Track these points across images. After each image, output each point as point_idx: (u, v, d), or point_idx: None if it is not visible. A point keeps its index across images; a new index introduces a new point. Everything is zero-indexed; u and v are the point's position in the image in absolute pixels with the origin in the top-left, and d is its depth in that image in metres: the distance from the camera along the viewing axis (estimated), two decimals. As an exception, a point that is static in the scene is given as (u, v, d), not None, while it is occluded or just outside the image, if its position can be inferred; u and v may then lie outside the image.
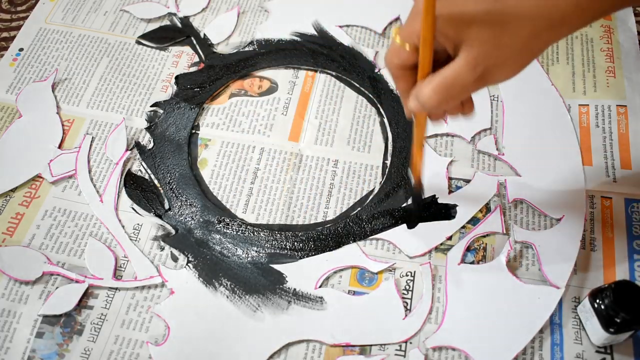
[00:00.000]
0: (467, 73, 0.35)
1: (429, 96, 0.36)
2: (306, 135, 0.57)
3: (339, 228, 0.51)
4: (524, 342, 0.45)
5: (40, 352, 0.46)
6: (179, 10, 0.66)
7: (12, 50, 0.63)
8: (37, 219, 0.52)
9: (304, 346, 0.46)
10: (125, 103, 0.59)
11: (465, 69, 0.34)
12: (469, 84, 0.35)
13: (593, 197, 0.52)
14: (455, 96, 0.36)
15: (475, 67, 0.34)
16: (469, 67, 0.34)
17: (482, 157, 0.55)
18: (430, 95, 0.36)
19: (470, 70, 0.34)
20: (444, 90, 0.36)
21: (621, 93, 0.58)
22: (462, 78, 0.35)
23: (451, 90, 0.35)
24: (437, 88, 0.36)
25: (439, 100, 0.36)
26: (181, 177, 0.54)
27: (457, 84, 0.35)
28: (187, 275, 0.49)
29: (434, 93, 0.36)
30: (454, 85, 0.35)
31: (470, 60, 0.34)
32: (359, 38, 0.63)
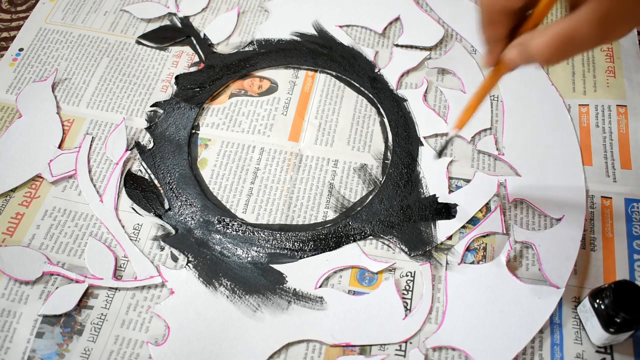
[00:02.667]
0: (594, 27, 0.32)
1: (544, 48, 0.34)
2: (306, 135, 0.57)
3: (339, 228, 0.51)
4: (524, 342, 0.45)
5: (40, 352, 0.46)
6: (179, 10, 0.66)
7: (12, 50, 0.63)
8: (37, 219, 0.52)
9: (304, 346, 0.46)
10: (125, 103, 0.59)
11: (591, 22, 0.32)
12: (591, 40, 0.33)
13: (593, 197, 0.52)
14: (574, 51, 0.34)
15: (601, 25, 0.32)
16: (596, 21, 0.32)
17: (482, 157, 0.55)
18: (545, 47, 0.34)
19: (598, 24, 0.32)
20: (562, 43, 0.33)
21: (621, 93, 0.58)
22: (585, 31, 0.33)
23: (570, 43, 0.33)
24: (556, 40, 0.33)
25: (554, 54, 0.34)
26: (181, 177, 0.54)
27: (578, 38, 0.33)
28: (187, 275, 0.49)
29: (551, 43, 0.33)
30: (574, 38, 0.33)
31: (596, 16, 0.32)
32: (359, 38, 0.63)
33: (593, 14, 0.32)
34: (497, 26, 0.36)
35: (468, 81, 0.59)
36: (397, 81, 0.59)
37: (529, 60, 0.35)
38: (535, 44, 0.34)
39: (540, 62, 0.35)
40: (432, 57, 0.61)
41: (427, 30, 0.63)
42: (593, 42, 0.34)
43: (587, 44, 0.34)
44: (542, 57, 0.34)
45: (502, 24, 0.36)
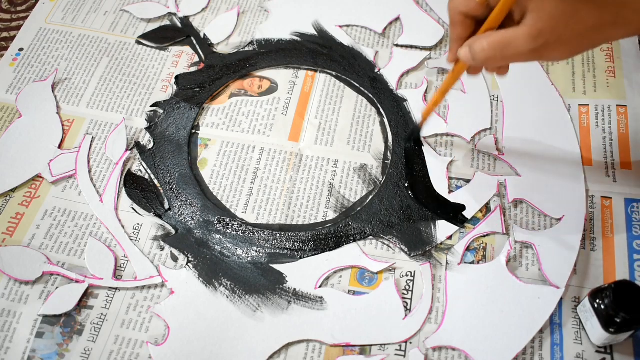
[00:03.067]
0: (527, 41, 0.36)
1: (482, 49, 0.38)
2: (306, 135, 0.57)
3: (339, 228, 0.51)
4: (524, 342, 0.45)
5: (40, 352, 0.46)
6: (179, 10, 0.66)
7: (12, 50, 0.63)
8: (37, 219, 0.52)
9: (304, 346, 0.46)
10: (125, 103, 0.59)
11: (526, 36, 0.36)
12: (524, 52, 0.37)
13: (593, 197, 0.52)
14: (507, 58, 0.38)
15: (537, 38, 0.36)
16: (531, 36, 0.36)
17: (482, 157, 0.55)
18: (483, 49, 0.38)
19: (532, 39, 0.36)
20: (498, 49, 0.37)
21: (621, 93, 0.58)
22: (520, 44, 0.36)
23: (505, 51, 0.37)
24: (493, 45, 0.37)
25: (489, 57, 0.38)
26: (181, 177, 0.54)
27: (513, 48, 0.37)
28: (187, 275, 0.49)
29: (488, 48, 0.37)
30: (509, 47, 0.37)
31: (534, 29, 0.36)
32: (359, 38, 0.63)
33: (529, 29, 0.36)
34: (457, 27, 0.41)
35: (468, 81, 0.59)
36: (397, 81, 0.59)
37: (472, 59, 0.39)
38: (477, 46, 0.38)
39: (478, 64, 0.39)
40: (432, 57, 0.61)
41: (427, 30, 0.63)
42: (525, 53, 0.37)
43: (520, 54, 0.37)
44: (481, 58, 0.38)
45: (461, 26, 0.40)
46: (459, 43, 0.41)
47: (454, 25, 0.41)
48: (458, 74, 0.45)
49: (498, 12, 0.38)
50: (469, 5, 0.39)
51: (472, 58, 0.39)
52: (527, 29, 0.36)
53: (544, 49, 0.37)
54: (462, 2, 0.40)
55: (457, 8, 0.40)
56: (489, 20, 0.39)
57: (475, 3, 0.39)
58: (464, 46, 0.40)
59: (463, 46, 0.40)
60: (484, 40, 0.38)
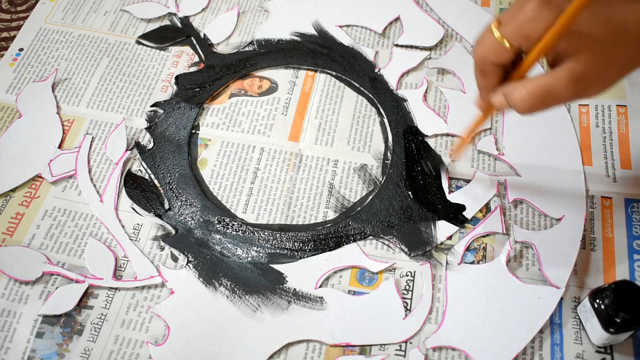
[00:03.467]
0: (569, 86, 0.35)
1: (522, 99, 0.37)
2: (306, 135, 0.57)
3: (339, 228, 0.51)
4: (524, 342, 0.45)
5: (40, 352, 0.46)
6: (179, 10, 0.66)
7: (12, 50, 0.63)
8: (37, 219, 0.52)
9: (304, 346, 0.46)
10: (125, 103, 0.59)
11: (567, 82, 0.35)
12: (565, 97, 0.36)
13: (593, 197, 0.52)
14: (548, 105, 0.37)
15: (577, 83, 0.35)
16: (571, 81, 0.35)
17: (482, 157, 0.55)
18: (524, 99, 0.36)
19: (573, 83, 0.35)
20: (539, 96, 0.36)
21: (621, 93, 0.58)
22: (561, 90, 0.35)
23: (546, 98, 0.36)
24: (534, 93, 0.36)
25: (531, 105, 0.37)
26: (181, 177, 0.54)
27: (554, 94, 0.36)
28: (187, 275, 0.49)
29: (529, 97, 0.36)
30: (550, 93, 0.36)
31: (574, 75, 0.35)
32: (359, 38, 0.63)
33: (569, 74, 0.35)
34: (488, 76, 0.40)
35: (468, 81, 0.59)
36: (397, 81, 0.59)
37: (512, 107, 0.38)
38: (516, 95, 0.37)
39: (519, 112, 0.38)
40: (432, 57, 0.61)
41: (427, 30, 0.63)
42: (567, 98, 0.36)
43: (561, 99, 0.36)
44: (521, 108, 0.37)
45: (491, 75, 0.39)
46: (489, 90, 0.40)
47: (484, 75, 0.40)
48: (486, 117, 0.45)
49: (533, 58, 0.37)
50: (501, 56, 0.37)
51: (510, 106, 0.38)
52: (568, 74, 0.35)
53: (584, 90, 0.36)
54: (493, 53, 0.37)
55: (488, 59, 0.38)
56: (523, 67, 0.38)
57: (507, 52, 0.37)
58: (497, 94, 0.39)
59: (496, 94, 0.39)
60: (522, 90, 0.37)
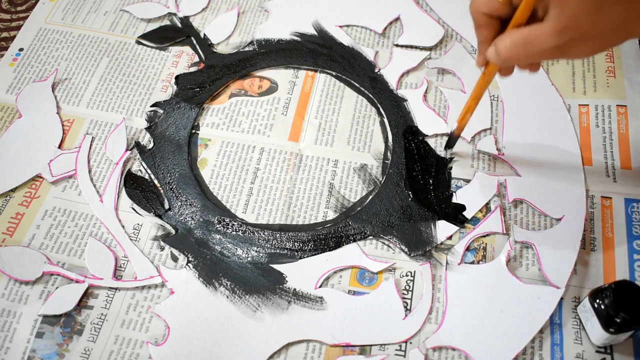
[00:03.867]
0: (551, 37, 0.35)
1: (505, 48, 0.37)
2: (306, 135, 0.57)
3: (339, 228, 0.51)
4: (524, 342, 0.45)
5: (40, 352, 0.46)
6: (179, 10, 0.66)
7: (12, 50, 0.63)
8: (37, 219, 0.52)
9: (304, 346, 0.46)
10: (125, 103, 0.59)
11: (550, 32, 0.35)
12: (548, 48, 0.36)
13: (593, 197, 0.52)
14: (530, 56, 0.37)
15: (561, 34, 0.35)
16: (554, 32, 0.35)
17: (482, 157, 0.55)
18: (507, 48, 0.37)
19: (556, 35, 0.35)
20: (521, 46, 0.36)
21: (621, 93, 0.58)
22: (543, 40, 0.35)
23: (528, 48, 0.36)
24: (516, 42, 0.37)
25: (513, 55, 0.37)
26: (181, 177, 0.54)
27: (536, 45, 0.36)
28: (187, 275, 0.49)
29: (511, 46, 0.37)
30: (532, 44, 0.36)
31: (558, 25, 0.35)
32: (359, 38, 0.63)
33: (552, 24, 0.35)
34: (482, 29, 0.40)
35: (468, 81, 0.59)
36: (397, 81, 0.59)
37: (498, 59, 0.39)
38: (500, 44, 0.38)
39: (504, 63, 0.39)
40: (432, 57, 0.61)
41: (427, 30, 0.63)
42: (550, 50, 0.36)
43: (544, 51, 0.36)
44: (505, 56, 0.38)
45: (486, 27, 0.40)
46: (486, 45, 0.40)
47: (479, 27, 0.40)
48: (490, 76, 0.44)
49: (522, 9, 0.37)
50: (491, 5, 0.38)
51: (497, 57, 0.39)
52: (551, 25, 0.35)
53: (569, 46, 0.36)
54: (484, 3, 0.38)
55: (479, 9, 0.39)
56: (514, 19, 0.38)
57: (497, 2, 0.38)
58: (491, 46, 0.39)
59: (490, 47, 0.40)
60: (506, 39, 0.37)
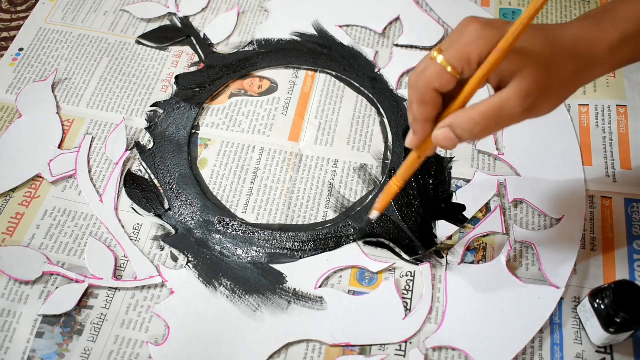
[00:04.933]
0: (518, 103, 0.35)
1: (474, 124, 0.35)
2: (306, 135, 0.57)
3: (339, 228, 0.51)
4: (524, 342, 0.45)
5: (40, 352, 0.46)
6: (179, 10, 0.66)
7: (12, 50, 0.63)
8: (37, 219, 0.52)
9: (304, 346, 0.46)
10: (125, 103, 0.59)
11: (516, 99, 0.35)
12: (517, 114, 0.35)
13: (593, 197, 0.52)
14: (501, 126, 0.36)
15: (527, 98, 0.35)
16: (520, 97, 0.35)
17: (482, 157, 0.55)
18: (476, 122, 0.35)
19: (522, 100, 0.35)
20: (492, 118, 0.35)
21: (621, 93, 0.58)
22: (511, 108, 0.35)
23: (499, 119, 0.35)
24: (486, 115, 0.35)
25: (484, 129, 0.35)
26: (181, 177, 0.54)
27: (505, 113, 0.35)
28: (187, 275, 0.49)
29: (482, 120, 0.35)
30: (502, 113, 0.35)
31: (522, 90, 0.35)
32: (359, 38, 0.63)
33: (518, 91, 0.35)
34: (428, 107, 0.37)
35: (468, 81, 0.59)
36: (397, 81, 0.59)
37: (459, 140, 0.37)
38: (465, 121, 0.36)
39: (467, 140, 0.37)
40: (432, 57, 0.61)
41: (427, 30, 0.63)
42: (518, 116, 0.35)
43: (513, 118, 0.36)
44: (470, 135, 0.36)
45: (432, 105, 0.37)
46: (428, 124, 0.38)
47: (424, 105, 0.37)
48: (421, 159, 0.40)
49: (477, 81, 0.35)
50: (444, 79, 0.35)
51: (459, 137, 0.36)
52: (516, 91, 0.35)
53: (534, 107, 0.36)
54: (437, 78, 0.35)
55: (430, 84, 0.36)
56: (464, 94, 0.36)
57: (450, 77, 0.35)
58: (440, 128, 0.37)
59: (439, 127, 0.37)
60: (471, 114, 0.35)
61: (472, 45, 0.35)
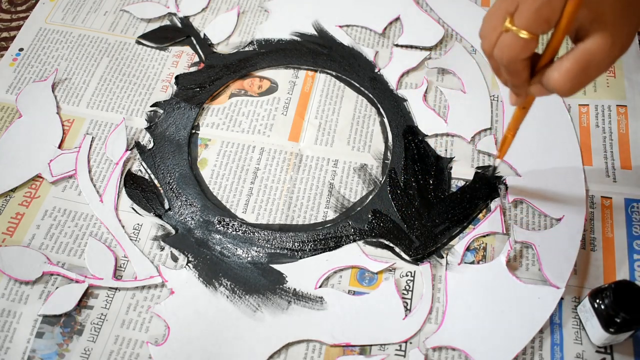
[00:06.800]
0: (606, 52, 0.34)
1: (563, 80, 0.35)
2: (306, 135, 0.57)
3: (339, 228, 0.51)
4: (524, 342, 0.45)
5: (40, 352, 0.46)
6: (179, 10, 0.66)
7: (12, 50, 0.63)
8: (37, 219, 0.52)
9: (304, 346, 0.46)
10: (125, 103, 0.59)
11: (604, 48, 0.34)
12: (605, 64, 0.35)
13: (593, 197, 0.52)
14: (590, 78, 0.36)
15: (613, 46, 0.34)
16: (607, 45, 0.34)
17: (482, 157, 0.55)
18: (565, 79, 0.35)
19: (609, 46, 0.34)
20: (582, 72, 0.35)
21: (621, 93, 0.58)
22: (600, 57, 0.35)
23: (586, 72, 0.35)
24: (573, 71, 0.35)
25: (573, 84, 0.35)
26: (181, 177, 0.54)
27: (595, 63, 0.35)
28: (187, 275, 0.49)
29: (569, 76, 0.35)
30: (590, 66, 0.35)
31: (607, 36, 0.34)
32: (359, 38, 0.63)
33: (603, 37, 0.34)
34: (521, 73, 0.37)
35: (468, 81, 0.59)
36: (397, 81, 0.59)
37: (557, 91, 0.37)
38: (555, 78, 0.36)
39: (561, 94, 0.37)
40: (432, 57, 0.61)
41: (427, 30, 0.63)
42: (608, 63, 0.35)
43: (603, 66, 0.35)
44: (563, 89, 0.36)
45: (524, 71, 0.37)
46: (525, 85, 0.38)
47: (517, 74, 0.37)
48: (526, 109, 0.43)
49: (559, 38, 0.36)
50: (529, 49, 0.35)
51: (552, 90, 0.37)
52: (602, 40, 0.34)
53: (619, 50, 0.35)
54: (521, 49, 0.35)
55: (519, 57, 0.36)
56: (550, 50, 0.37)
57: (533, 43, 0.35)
58: (535, 84, 0.38)
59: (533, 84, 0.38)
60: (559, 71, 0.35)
61: (546, 6, 0.34)
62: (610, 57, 0.35)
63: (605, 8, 0.34)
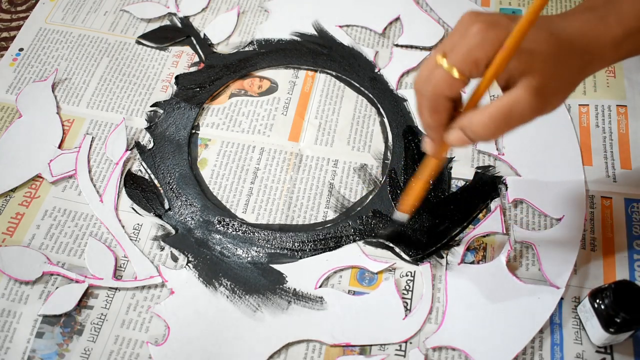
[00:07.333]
0: (529, 102, 0.35)
1: (484, 126, 0.35)
2: (306, 135, 0.57)
3: (339, 228, 0.51)
4: (524, 342, 0.45)
5: (40, 352, 0.46)
6: (179, 10, 0.66)
7: (12, 50, 0.63)
8: (37, 219, 0.52)
9: (304, 346, 0.46)
10: (125, 103, 0.59)
11: (526, 98, 0.34)
12: (528, 114, 0.35)
13: (593, 197, 0.52)
14: (512, 126, 0.36)
15: (537, 97, 0.35)
16: (531, 97, 0.34)
17: (482, 157, 0.55)
18: (486, 124, 0.35)
19: (533, 99, 0.35)
20: (502, 118, 0.35)
21: (621, 93, 0.58)
22: (522, 107, 0.35)
23: (509, 119, 0.35)
24: (496, 116, 0.35)
25: (495, 131, 0.35)
26: (181, 177, 0.54)
27: (517, 113, 0.35)
28: (187, 275, 0.49)
29: (491, 122, 0.35)
30: (513, 113, 0.35)
31: (532, 89, 0.34)
32: (359, 38, 0.63)
33: (529, 89, 0.34)
34: (440, 113, 0.37)
35: (468, 81, 0.59)
36: (397, 81, 0.59)
37: (471, 141, 0.37)
38: (476, 123, 0.36)
39: (482, 140, 0.37)
40: (432, 57, 0.61)
41: (427, 30, 0.63)
42: (530, 114, 0.35)
43: (524, 118, 0.35)
44: (484, 135, 0.36)
45: (444, 111, 0.37)
46: (441, 129, 0.38)
47: (436, 113, 0.37)
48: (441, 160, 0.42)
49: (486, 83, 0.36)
50: (454, 87, 0.35)
51: (470, 137, 0.36)
52: (527, 90, 0.34)
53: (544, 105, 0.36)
54: (446, 86, 0.36)
55: (442, 93, 0.36)
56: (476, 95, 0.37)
57: (459, 83, 0.35)
58: (453, 131, 0.37)
59: (452, 130, 0.37)
60: (481, 117, 0.35)
61: (478, 49, 0.34)
62: (533, 109, 0.35)
63: (536, 62, 0.35)
